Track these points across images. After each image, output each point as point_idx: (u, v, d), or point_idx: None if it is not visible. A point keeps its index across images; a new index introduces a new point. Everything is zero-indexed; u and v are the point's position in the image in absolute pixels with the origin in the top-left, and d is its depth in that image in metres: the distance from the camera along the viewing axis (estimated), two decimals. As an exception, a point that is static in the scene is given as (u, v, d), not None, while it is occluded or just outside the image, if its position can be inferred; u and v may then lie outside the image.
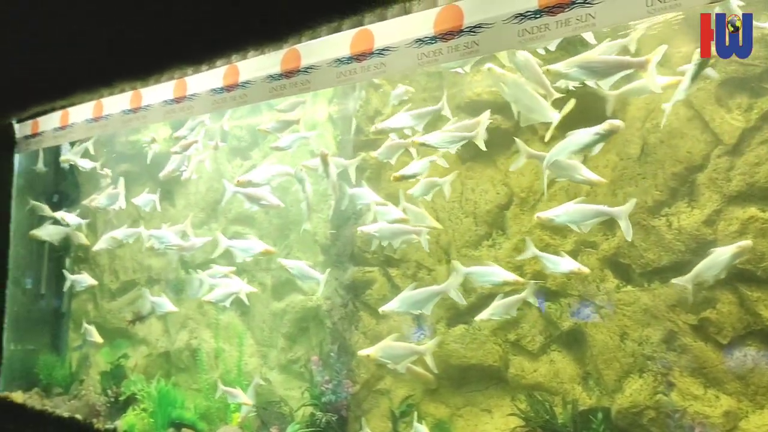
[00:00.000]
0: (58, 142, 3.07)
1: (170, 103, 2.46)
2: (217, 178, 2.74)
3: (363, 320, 2.41)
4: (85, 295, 3.16)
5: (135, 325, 2.77)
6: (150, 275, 2.88)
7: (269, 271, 2.61)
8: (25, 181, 3.30)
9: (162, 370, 2.74)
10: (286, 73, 2.09)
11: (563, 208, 1.99)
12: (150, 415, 2.53)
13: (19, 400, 3.01)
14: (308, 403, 2.34)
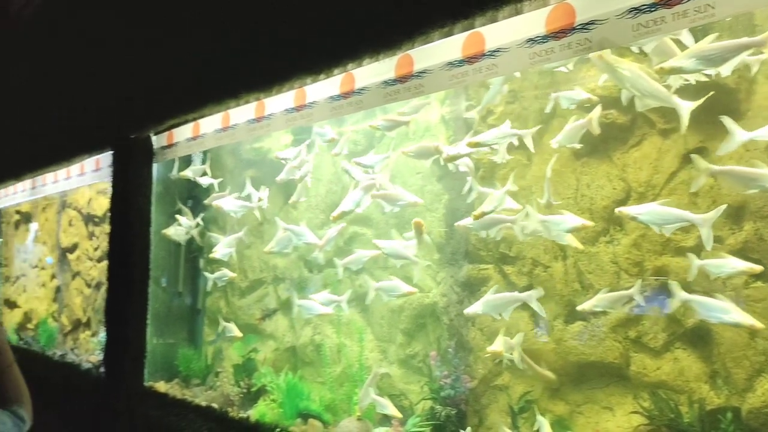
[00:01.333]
0: (191, 151, 3.32)
1: (291, 112, 2.62)
2: (335, 181, 2.88)
3: (479, 317, 2.45)
4: (218, 293, 3.40)
5: (264, 322, 2.96)
6: (275, 274, 3.06)
7: (386, 269, 2.71)
8: (163, 188, 3.58)
9: (289, 364, 2.91)
10: (400, 78, 2.17)
11: (647, 207, 1.99)
12: (279, 405, 2.69)
13: (163, 389, 3.27)
14: (428, 397, 2.42)
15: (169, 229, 3.44)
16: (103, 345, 3.93)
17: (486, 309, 2.25)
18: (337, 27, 2.17)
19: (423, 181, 2.63)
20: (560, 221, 2.18)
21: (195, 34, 2.91)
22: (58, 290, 4.82)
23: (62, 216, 4.80)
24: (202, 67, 2.86)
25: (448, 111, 2.55)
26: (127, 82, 3.50)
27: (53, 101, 4.43)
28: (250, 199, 3.17)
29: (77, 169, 4.33)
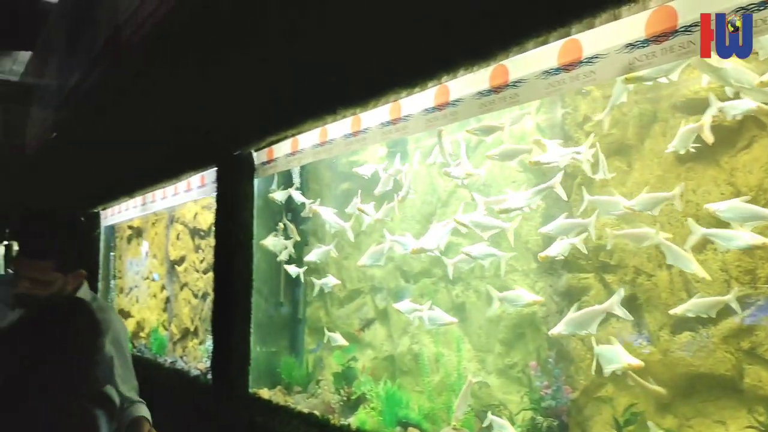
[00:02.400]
0: (290, 166, 3.45)
1: (387, 125, 2.68)
2: (430, 191, 2.92)
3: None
4: (317, 303, 3.50)
5: (363, 332, 3.03)
6: (373, 284, 3.12)
7: (483, 279, 2.71)
8: (264, 202, 3.73)
9: (387, 373, 2.95)
10: (495, 89, 2.18)
11: (729, 204, 1.97)
12: (379, 413, 2.74)
13: (266, 396, 3.40)
14: (528, 408, 2.40)
15: (267, 240, 3.58)
16: (210, 353, 4.13)
17: (570, 328, 2.21)
18: (433, 41, 2.22)
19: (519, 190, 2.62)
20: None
21: (294, 53, 3.03)
22: (167, 301, 5.09)
23: (170, 230, 5.08)
24: (300, 84, 2.98)
25: (544, 119, 2.53)
26: (230, 102, 3.68)
27: (162, 123, 4.71)
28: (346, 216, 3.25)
29: (184, 185, 4.58)
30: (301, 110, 3.00)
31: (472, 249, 2.56)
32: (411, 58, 2.32)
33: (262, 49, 3.32)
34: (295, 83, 3.04)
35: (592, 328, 2.18)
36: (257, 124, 3.38)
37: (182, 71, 4.46)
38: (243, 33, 3.62)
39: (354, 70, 2.63)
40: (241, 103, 3.55)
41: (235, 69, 3.66)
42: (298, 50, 3.03)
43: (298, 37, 3.04)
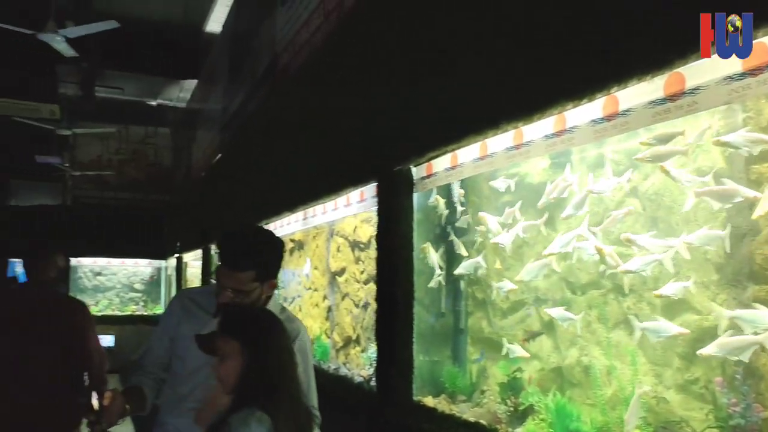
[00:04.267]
0: (449, 180, 3.54)
1: (551, 137, 2.69)
2: (596, 201, 2.88)
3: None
4: (479, 313, 3.55)
5: (529, 343, 3.04)
6: (537, 295, 3.12)
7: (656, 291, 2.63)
8: (423, 216, 3.84)
9: (555, 384, 2.94)
10: (670, 97, 2.13)
11: None
12: (549, 425, 2.73)
13: (431, 404, 3.49)
14: (714, 426, 2.29)
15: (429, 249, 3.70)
16: (372, 361, 4.30)
17: (720, 350, 2.15)
18: (601, 50, 2.21)
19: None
20: None
21: (454, 68, 3.12)
22: (329, 310, 5.35)
23: (331, 243, 5.34)
24: (462, 99, 3.06)
25: (723, 124, 2.42)
26: (390, 120, 3.84)
27: (322, 142, 4.99)
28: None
29: (343, 200, 4.82)
30: (462, 125, 3.08)
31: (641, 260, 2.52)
32: (579, 69, 2.32)
33: (421, 66, 3.44)
34: (456, 98, 3.12)
35: (744, 355, 2.12)
36: (417, 141, 3.50)
37: (340, 92, 4.70)
38: (401, 52, 3.78)
39: (517, 84, 2.67)
40: (401, 120, 3.70)
41: (394, 87, 3.82)
42: (459, 65, 3.12)
43: (458, 52, 3.13)
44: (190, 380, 2.23)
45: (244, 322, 1.93)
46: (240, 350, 1.85)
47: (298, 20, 5.96)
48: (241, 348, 1.85)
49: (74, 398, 3.15)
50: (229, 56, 9.59)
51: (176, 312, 2.33)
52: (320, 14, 5.36)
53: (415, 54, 3.58)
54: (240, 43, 8.86)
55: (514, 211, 3.36)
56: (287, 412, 1.85)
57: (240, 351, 1.85)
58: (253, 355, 1.85)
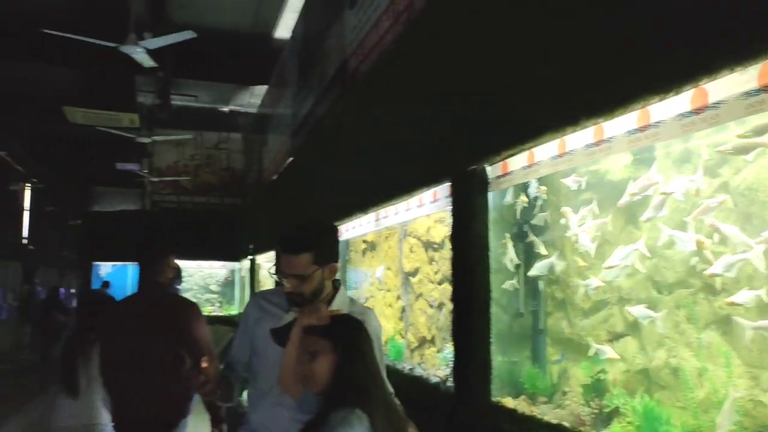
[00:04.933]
0: (526, 178, 3.49)
1: (634, 133, 2.62)
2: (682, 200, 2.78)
3: None
4: (559, 314, 3.49)
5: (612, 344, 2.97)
6: (620, 295, 3.04)
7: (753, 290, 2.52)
8: (498, 215, 3.81)
9: (642, 386, 2.86)
10: (765, 88, 2.04)
11: None
12: (636, 429, 2.66)
13: (510, 405, 3.45)
14: (819, 431, 2.19)
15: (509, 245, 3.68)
16: (448, 361, 4.29)
17: None
18: (690, 41, 2.14)
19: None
20: None
21: (530, 65, 3.08)
22: (403, 310, 5.37)
23: (404, 243, 5.36)
24: (538, 96, 3.02)
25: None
26: (463, 120, 3.82)
27: (394, 144, 5.01)
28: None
29: (416, 201, 4.83)
30: (540, 122, 3.04)
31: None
32: (665, 62, 2.26)
33: (494, 64, 3.42)
34: (533, 96, 3.08)
35: None
36: (492, 139, 3.47)
37: (411, 93, 4.72)
38: (473, 50, 3.76)
39: (599, 77, 2.61)
40: (475, 120, 3.68)
41: (467, 86, 3.80)
42: (535, 61, 3.08)
43: (534, 47, 3.09)
44: (269, 376, 2.31)
45: (334, 323, 1.97)
46: (331, 350, 1.88)
47: (367, 23, 6.01)
48: (333, 348, 1.89)
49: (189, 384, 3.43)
50: (298, 61, 9.77)
51: (253, 313, 2.44)
52: (390, 16, 5.39)
53: (487, 52, 3.56)
54: (309, 48, 9.01)
55: (592, 209, 3.29)
56: (382, 412, 1.88)
57: (331, 351, 1.88)
58: (344, 355, 1.89)
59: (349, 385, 1.88)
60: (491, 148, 3.50)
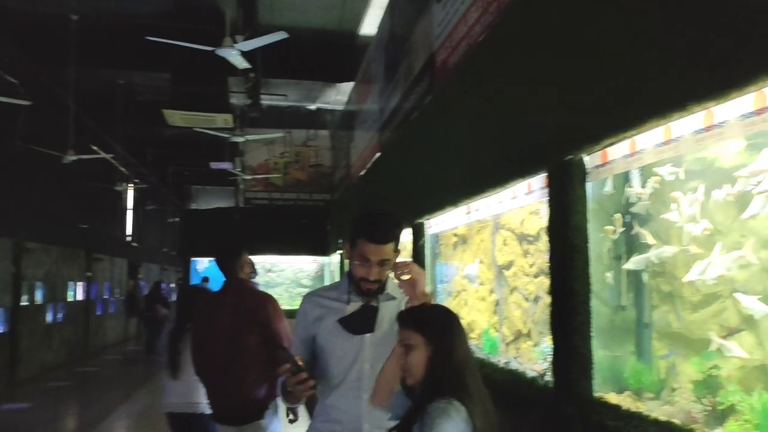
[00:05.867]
0: (627, 167, 3.38)
1: (750, 116, 2.48)
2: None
3: None
4: (665, 307, 3.36)
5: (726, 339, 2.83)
6: (733, 287, 2.90)
7: None
8: (597, 205, 3.71)
9: (761, 383, 2.71)
10: None
11: None
12: (755, 427, 2.53)
13: (614, 401, 3.36)
14: None
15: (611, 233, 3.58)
16: (546, 355, 4.22)
17: None
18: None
19: None
20: None
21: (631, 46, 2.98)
22: (496, 304, 5.32)
23: (496, 236, 5.30)
24: (641, 81, 2.91)
25: None
26: (559, 109, 3.74)
27: (485, 135, 4.96)
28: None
29: (509, 193, 4.77)
30: (642, 110, 2.93)
31: None
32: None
33: (591, 48, 3.32)
34: (636, 80, 2.98)
35: None
36: (591, 128, 3.38)
37: (503, 83, 4.66)
38: (568, 36, 3.67)
39: (710, 61, 2.49)
40: (572, 108, 3.59)
41: (561, 73, 3.72)
42: (638, 41, 2.97)
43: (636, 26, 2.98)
44: (340, 369, 2.38)
45: (426, 316, 1.99)
46: (425, 343, 1.90)
47: (455, 15, 5.98)
48: (429, 339, 1.91)
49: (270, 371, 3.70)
50: (384, 57, 9.84)
51: (311, 311, 2.49)
52: (478, 6, 5.34)
53: (583, 36, 3.46)
54: (395, 43, 9.05)
55: (700, 198, 3.14)
56: (478, 402, 1.89)
57: (425, 344, 1.90)
58: (438, 348, 1.91)
59: (444, 377, 1.89)
60: (590, 137, 3.41)
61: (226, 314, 3.79)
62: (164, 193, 24.47)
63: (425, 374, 1.91)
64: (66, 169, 11.90)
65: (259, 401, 3.74)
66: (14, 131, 11.37)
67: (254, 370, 3.70)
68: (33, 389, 11.41)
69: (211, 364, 3.81)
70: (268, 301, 3.88)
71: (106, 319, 17.99)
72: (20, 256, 11.57)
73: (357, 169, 12.49)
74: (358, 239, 2.33)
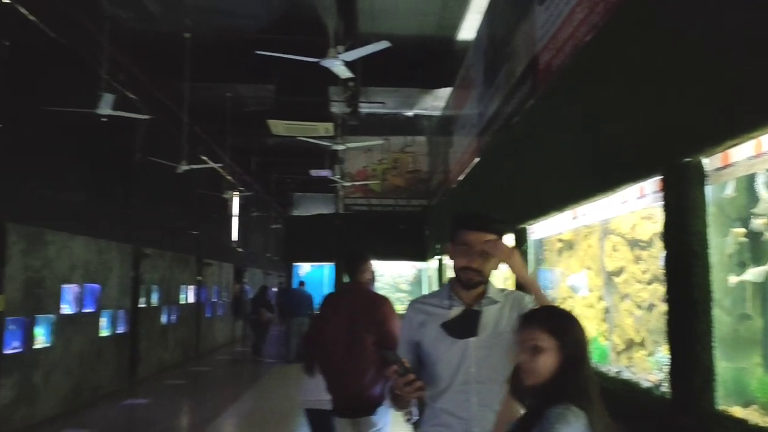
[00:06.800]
0: (753, 170, 3.21)
1: None
2: None
3: None
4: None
5: None
6: None
7: None
8: (717, 210, 3.54)
9: None
10: None
11: None
12: None
13: (739, 415, 3.19)
14: None
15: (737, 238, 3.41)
16: (661, 365, 4.06)
17: None
18: None
19: None
20: None
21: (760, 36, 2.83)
22: (606, 311, 5.17)
23: (605, 242, 5.16)
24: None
25: None
26: (674, 108, 3.61)
27: (592, 138, 4.85)
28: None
29: (618, 197, 4.63)
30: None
31: None
32: None
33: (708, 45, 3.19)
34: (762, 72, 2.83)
35: None
36: (711, 129, 3.24)
37: (612, 84, 4.53)
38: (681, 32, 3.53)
39: None
40: (690, 108, 3.45)
41: (677, 73, 3.58)
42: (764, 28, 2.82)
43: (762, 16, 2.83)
44: (446, 373, 2.41)
45: (562, 320, 1.96)
46: (558, 348, 1.88)
47: (559, 16, 5.88)
48: (560, 346, 1.88)
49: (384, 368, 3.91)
50: (483, 61, 9.79)
51: (415, 317, 2.54)
52: (584, 7, 5.23)
53: (702, 28, 3.32)
54: (494, 47, 9.00)
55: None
56: (597, 410, 1.86)
57: (558, 348, 1.88)
58: (573, 355, 1.88)
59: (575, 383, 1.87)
60: (709, 138, 3.27)
61: (345, 314, 4.06)
62: (267, 201, 25.37)
63: (552, 379, 1.89)
64: (178, 179, 12.59)
65: (373, 398, 3.98)
66: (134, 145, 12.17)
67: (370, 368, 3.95)
68: (152, 386, 12.12)
69: (331, 361, 4.10)
70: (383, 302, 4.14)
71: (215, 322, 18.83)
72: (139, 261, 12.33)
73: (455, 175, 12.48)
74: (458, 231, 2.43)
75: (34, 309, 8.49)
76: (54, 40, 8.81)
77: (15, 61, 8.04)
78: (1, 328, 7.76)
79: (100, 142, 10.32)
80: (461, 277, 2.42)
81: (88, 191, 10.32)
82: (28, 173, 8.52)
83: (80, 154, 10.02)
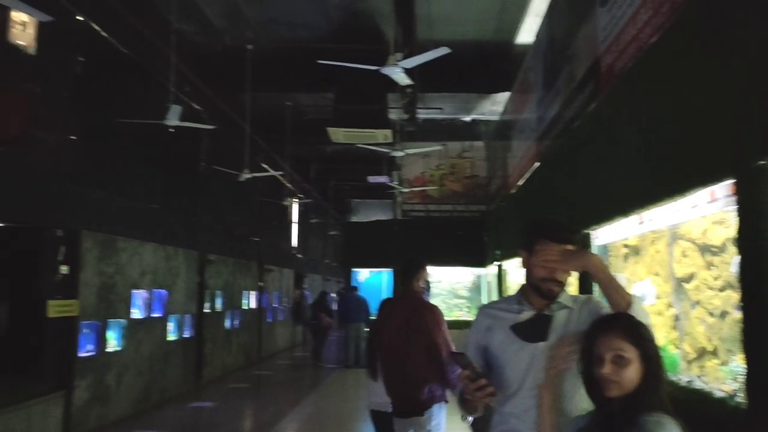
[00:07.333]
0: (834, 171, 3.09)
1: None
2: None
3: None
4: None
5: None
6: None
7: None
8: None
9: None
10: None
11: None
12: None
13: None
14: None
15: None
16: (736, 375, 3.93)
17: None
18: None
19: None
20: None
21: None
22: (676, 319, 5.03)
23: (674, 248, 5.03)
24: None
25: None
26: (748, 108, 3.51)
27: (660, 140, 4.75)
28: None
29: (688, 201, 4.51)
30: None
31: None
32: None
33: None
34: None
35: None
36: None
37: (679, 85, 4.43)
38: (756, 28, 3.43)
39: None
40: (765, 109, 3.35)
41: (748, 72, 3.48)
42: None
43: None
44: (515, 377, 2.39)
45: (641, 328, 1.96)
46: (640, 358, 1.88)
47: (622, 18, 5.78)
48: (642, 356, 1.88)
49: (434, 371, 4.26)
50: (543, 65, 9.68)
51: (483, 322, 2.55)
52: (649, 8, 5.12)
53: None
54: (554, 50, 8.89)
55: None
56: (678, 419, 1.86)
57: (640, 359, 1.88)
58: (655, 365, 1.89)
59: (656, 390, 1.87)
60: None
61: (399, 319, 4.31)
62: (326, 207, 25.68)
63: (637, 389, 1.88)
64: (240, 187, 12.89)
65: (427, 399, 4.18)
66: (198, 154, 12.54)
67: (420, 372, 4.16)
68: (216, 390, 12.42)
69: (387, 364, 4.38)
70: (428, 310, 4.35)
71: (276, 326, 19.16)
72: (204, 267, 12.67)
73: (514, 180, 12.36)
74: (538, 240, 2.40)
75: (106, 314, 8.84)
76: (124, 54, 9.19)
77: (88, 76, 8.41)
78: (76, 332, 8.11)
79: (167, 152, 10.68)
80: (542, 287, 2.39)
81: (157, 199, 10.68)
82: (100, 182, 8.88)
83: (149, 164, 10.39)
